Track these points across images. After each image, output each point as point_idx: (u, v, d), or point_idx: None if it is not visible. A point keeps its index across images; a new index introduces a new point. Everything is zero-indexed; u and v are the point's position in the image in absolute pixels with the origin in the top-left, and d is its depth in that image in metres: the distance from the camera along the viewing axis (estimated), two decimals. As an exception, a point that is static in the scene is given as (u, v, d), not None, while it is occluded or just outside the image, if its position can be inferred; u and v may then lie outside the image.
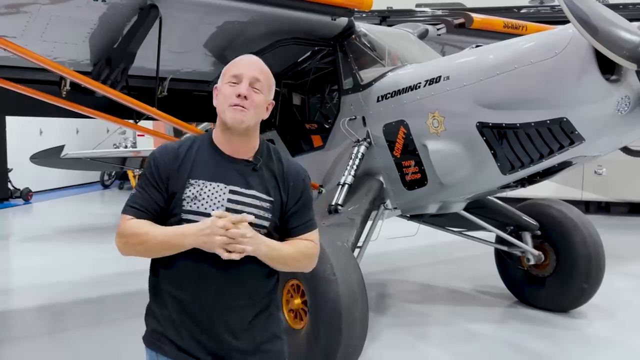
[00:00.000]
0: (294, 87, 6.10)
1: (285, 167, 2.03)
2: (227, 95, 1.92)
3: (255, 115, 1.94)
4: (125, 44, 4.34)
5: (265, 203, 1.95)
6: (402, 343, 4.49)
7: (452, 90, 3.96)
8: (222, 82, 1.98)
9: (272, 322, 2.01)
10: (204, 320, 1.90)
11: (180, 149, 1.98)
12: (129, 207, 1.94)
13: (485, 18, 5.99)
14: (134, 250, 1.91)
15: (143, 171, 2.01)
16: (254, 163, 1.98)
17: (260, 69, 1.98)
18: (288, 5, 4.49)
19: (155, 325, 1.97)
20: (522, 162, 3.81)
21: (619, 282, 6.04)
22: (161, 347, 1.94)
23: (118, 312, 5.30)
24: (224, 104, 1.93)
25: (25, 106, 5.07)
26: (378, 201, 4.51)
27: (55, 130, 13.64)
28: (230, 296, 1.90)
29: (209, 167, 1.94)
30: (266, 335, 1.98)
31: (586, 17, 3.10)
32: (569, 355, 4.36)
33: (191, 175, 1.92)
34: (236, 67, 1.96)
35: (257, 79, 1.94)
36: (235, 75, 1.93)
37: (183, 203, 1.90)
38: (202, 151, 1.98)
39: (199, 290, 1.89)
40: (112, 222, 10.27)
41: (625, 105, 3.33)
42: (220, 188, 1.91)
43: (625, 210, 11.21)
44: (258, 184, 1.95)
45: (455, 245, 7.27)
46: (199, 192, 1.90)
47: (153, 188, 1.94)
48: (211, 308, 1.90)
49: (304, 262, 2.04)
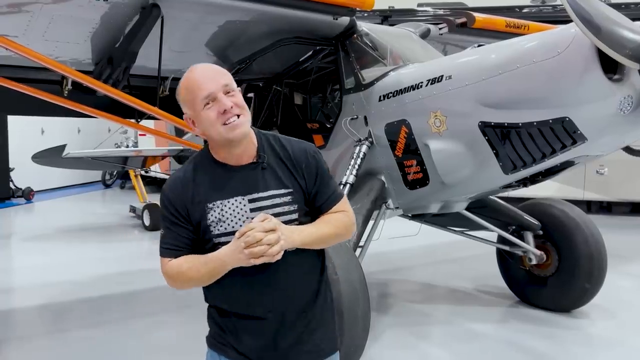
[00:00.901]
0: (295, 87, 6.09)
1: (291, 150, 1.98)
2: (213, 118, 1.86)
3: (247, 115, 1.91)
4: (126, 44, 4.34)
5: (286, 197, 1.92)
6: (404, 343, 4.48)
7: (454, 89, 3.95)
8: (195, 109, 1.89)
9: (326, 308, 2.04)
10: (264, 328, 1.93)
11: (186, 176, 1.95)
12: (164, 249, 1.94)
13: (487, 17, 5.98)
14: (186, 286, 1.93)
15: (162, 211, 1.98)
16: (260, 162, 1.94)
17: (220, 73, 1.91)
18: (290, 4, 4.49)
19: (216, 329, 2.01)
20: (524, 162, 3.80)
21: (620, 282, 6.03)
22: (224, 350, 1.98)
23: (120, 312, 5.31)
24: (216, 126, 1.86)
25: (27, 105, 5.08)
26: (380, 201, 4.50)
27: (57, 129, 13.66)
28: (284, 296, 1.92)
29: (220, 185, 1.91)
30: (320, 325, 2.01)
31: (589, 16, 3.09)
32: (570, 355, 4.35)
33: (208, 200, 1.90)
34: (200, 89, 1.86)
35: (225, 85, 1.88)
36: (206, 97, 1.86)
37: (211, 229, 1.89)
38: (208, 172, 1.94)
39: (252, 302, 1.92)
40: (113, 222, 10.30)
41: (628, 104, 3.32)
42: (239, 201, 1.89)
43: (627, 210, 11.19)
44: (272, 181, 1.92)
45: (456, 244, 7.27)
46: (220, 214, 1.88)
47: (177, 226, 1.92)
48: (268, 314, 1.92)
49: (342, 234, 2.02)
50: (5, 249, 8.45)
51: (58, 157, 9.09)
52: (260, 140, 1.99)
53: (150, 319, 5.12)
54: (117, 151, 12.26)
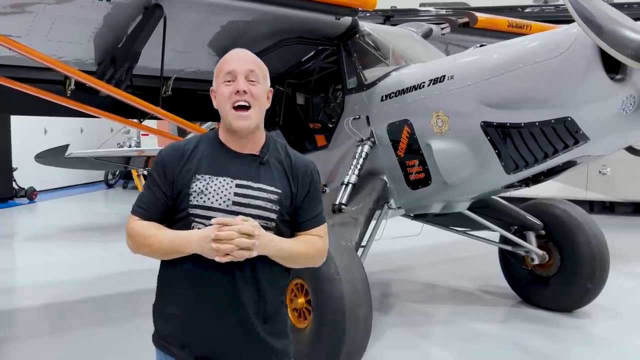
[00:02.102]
0: (297, 87, 6.09)
1: (293, 160, 2.02)
2: (226, 95, 1.91)
3: (259, 109, 1.93)
4: (129, 44, 4.35)
5: (273, 195, 1.92)
6: (406, 342, 4.49)
7: (456, 89, 3.95)
8: (217, 82, 1.96)
9: (280, 319, 2.01)
10: (212, 320, 1.90)
11: (186, 147, 1.97)
12: (137, 207, 1.95)
13: (490, 17, 5.98)
14: (140, 250, 1.94)
15: (151, 169, 2.01)
16: (261, 157, 1.96)
17: (252, 60, 1.96)
18: (292, 4, 4.49)
19: (161, 326, 1.98)
20: (527, 162, 3.80)
21: (623, 282, 6.03)
22: (168, 349, 1.94)
23: (123, 311, 5.32)
24: (226, 106, 1.91)
25: (30, 105, 5.08)
26: (382, 200, 4.51)
27: (60, 129, 13.67)
28: (240, 296, 1.89)
29: (215, 162, 1.93)
30: (274, 333, 1.97)
31: (591, 16, 3.09)
32: (572, 355, 4.35)
33: (197, 171, 1.91)
34: (227, 64, 1.94)
35: (251, 71, 1.92)
36: (229, 72, 1.91)
37: (190, 198, 1.89)
38: (208, 148, 1.97)
39: (207, 290, 1.89)
40: (116, 221, 10.30)
41: (631, 104, 3.32)
42: (227, 182, 1.90)
43: (630, 210, 11.17)
44: (265, 177, 1.93)
45: (459, 244, 7.27)
46: (205, 187, 1.89)
47: (159, 188, 1.93)
48: (220, 308, 1.89)
49: (314, 258, 2.02)
50: (8, 249, 8.46)
51: (61, 157, 9.12)
52: (268, 140, 2.02)
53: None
54: (120, 151, 12.28)
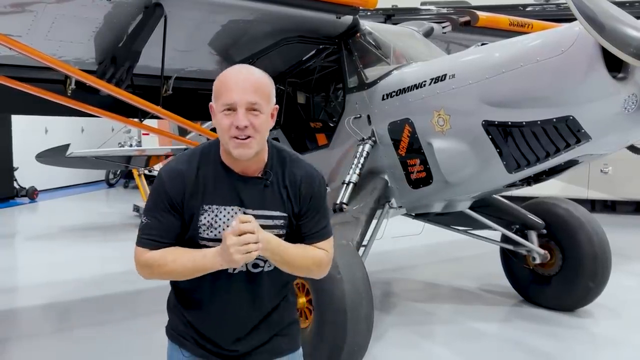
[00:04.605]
0: (298, 86, 6.09)
1: (299, 175, 1.93)
2: (225, 127, 1.79)
3: (261, 139, 1.83)
4: (130, 43, 4.35)
5: (279, 220, 1.89)
6: (407, 342, 4.48)
7: (457, 88, 3.94)
8: (216, 105, 1.83)
9: (287, 309, 2.06)
10: (224, 317, 1.94)
11: (188, 171, 1.87)
12: (146, 239, 1.85)
13: (491, 16, 5.97)
14: (161, 277, 1.87)
15: (152, 198, 1.90)
16: (265, 179, 1.89)
17: (254, 88, 1.79)
18: (293, 3, 4.49)
19: (176, 320, 2.01)
20: (528, 161, 3.79)
21: (625, 281, 6.01)
22: (183, 343, 1.98)
23: (124, 311, 5.33)
24: (224, 135, 1.81)
25: (30, 105, 5.08)
26: (383, 200, 4.50)
27: (61, 129, 13.66)
28: (246, 306, 1.94)
29: (221, 190, 1.87)
30: (281, 326, 2.03)
31: (592, 14, 3.08)
32: (574, 354, 4.35)
33: (204, 201, 1.85)
34: (227, 93, 1.78)
35: (252, 103, 1.77)
36: (229, 105, 1.78)
37: (200, 231, 1.85)
38: (211, 172, 1.88)
39: (221, 287, 1.91)
40: (117, 221, 10.31)
41: (633, 103, 3.31)
42: (235, 211, 1.85)
43: (632, 209, 11.14)
44: (271, 202, 1.89)
45: (460, 244, 7.25)
46: (214, 219, 1.84)
47: (168, 214, 1.85)
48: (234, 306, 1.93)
49: (313, 270, 1.97)
50: (9, 248, 8.47)
51: (62, 157, 9.10)
52: (271, 155, 1.93)
53: (154, 317, 5.11)
54: (121, 150, 12.26)
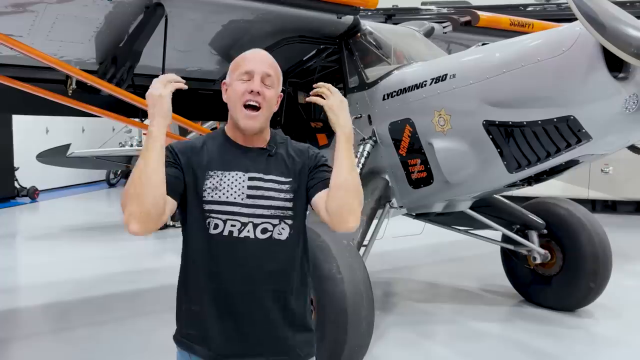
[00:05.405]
0: (299, 86, 6.09)
1: (300, 147, 2.07)
2: (240, 92, 1.93)
3: (267, 112, 1.96)
4: (131, 43, 4.35)
5: (285, 185, 1.96)
6: (408, 342, 4.48)
7: (458, 88, 3.94)
8: (232, 77, 1.98)
9: (301, 312, 2.01)
10: (233, 316, 1.90)
11: (195, 144, 1.99)
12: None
13: (492, 16, 5.97)
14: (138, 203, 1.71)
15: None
16: (269, 149, 1.99)
17: (270, 64, 1.99)
18: (294, 3, 4.49)
19: (184, 325, 2.01)
20: (529, 161, 3.79)
21: (625, 281, 6.01)
22: (192, 347, 1.98)
23: (124, 311, 5.33)
24: (237, 102, 1.94)
25: (31, 105, 5.09)
26: (384, 200, 4.50)
27: (62, 129, 13.69)
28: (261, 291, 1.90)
29: (225, 157, 1.96)
30: (295, 326, 1.98)
31: (593, 14, 3.08)
32: (575, 354, 4.34)
33: (209, 167, 1.93)
34: (247, 63, 1.96)
35: (268, 75, 1.95)
36: (247, 72, 1.94)
37: (204, 194, 1.90)
38: (216, 144, 1.99)
39: (229, 287, 1.89)
40: (118, 221, 10.30)
41: (634, 103, 3.31)
42: (239, 176, 1.92)
43: (632, 208, 11.14)
44: (275, 168, 1.97)
45: (461, 244, 7.26)
46: (218, 183, 1.91)
47: (171, 167, 1.86)
48: (242, 304, 1.90)
49: (359, 195, 1.91)
50: (10, 248, 8.48)
51: (62, 157, 9.13)
52: (273, 136, 2.06)
53: (154, 317, 5.12)
54: (122, 150, 12.29)
